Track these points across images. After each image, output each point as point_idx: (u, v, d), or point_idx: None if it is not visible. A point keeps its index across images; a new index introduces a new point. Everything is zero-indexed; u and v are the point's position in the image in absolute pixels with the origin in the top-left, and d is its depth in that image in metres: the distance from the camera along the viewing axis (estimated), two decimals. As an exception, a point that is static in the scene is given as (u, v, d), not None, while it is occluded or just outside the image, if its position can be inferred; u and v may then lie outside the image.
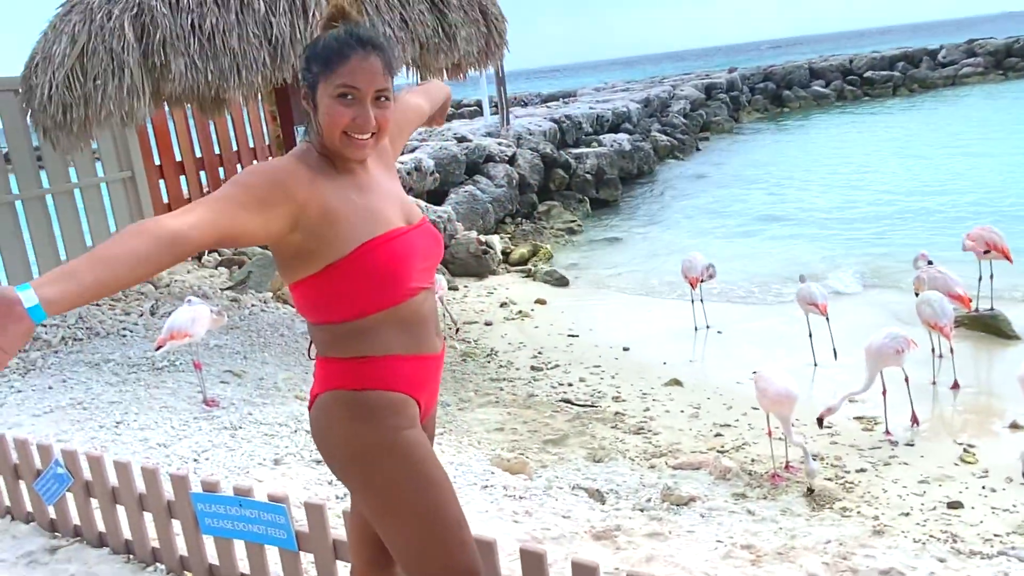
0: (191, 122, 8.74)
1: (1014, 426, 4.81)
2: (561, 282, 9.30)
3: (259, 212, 1.58)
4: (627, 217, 12.97)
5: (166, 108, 7.82)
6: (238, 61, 5.05)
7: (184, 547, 2.80)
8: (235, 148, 9.34)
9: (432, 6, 5.77)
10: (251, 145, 9.57)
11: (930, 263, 6.19)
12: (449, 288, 8.93)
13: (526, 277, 9.54)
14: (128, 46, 4.96)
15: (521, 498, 3.72)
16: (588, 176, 13.98)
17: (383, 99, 1.73)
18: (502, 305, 8.17)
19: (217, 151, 9.11)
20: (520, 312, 7.92)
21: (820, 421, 4.75)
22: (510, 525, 3.42)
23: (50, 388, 4.93)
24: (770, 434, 4.42)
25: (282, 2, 5.08)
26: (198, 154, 8.85)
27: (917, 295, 5.80)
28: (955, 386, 5.46)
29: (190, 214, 1.50)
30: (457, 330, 7.29)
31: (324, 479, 3.75)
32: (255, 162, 9.50)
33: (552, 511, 3.64)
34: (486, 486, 3.80)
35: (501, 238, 10.97)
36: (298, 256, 1.66)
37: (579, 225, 12.23)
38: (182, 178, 8.64)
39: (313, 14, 5.09)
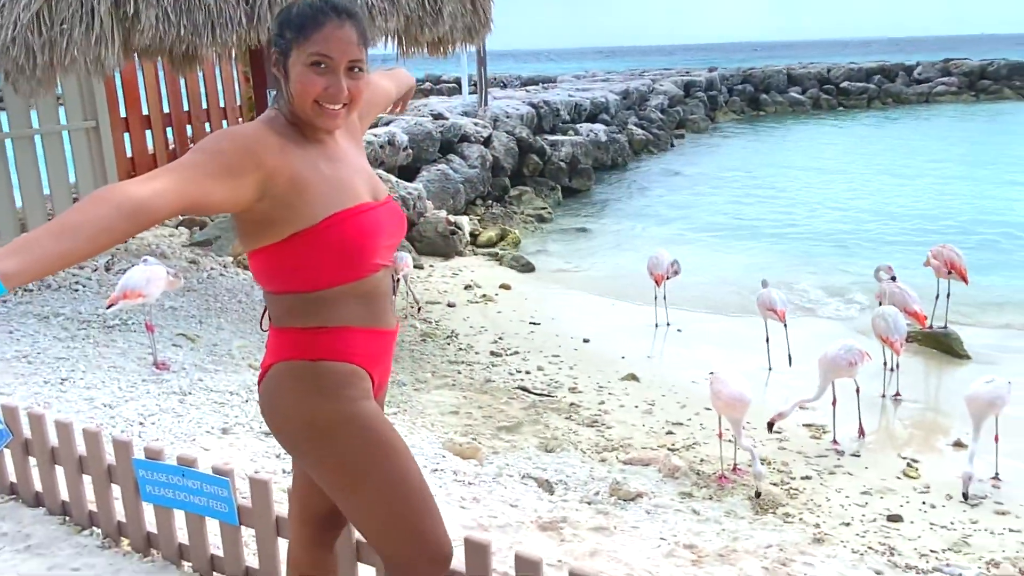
0: (161, 76, 8.54)
1: (957, 444, 4.91)
2: (527, 268, 9.29)
3: (227, 180, 1.54)
4: (598, 208, 12.98)
5: (136, 60, 7.62)
6: (213, 18, 4.93)
7: (123, 513, 2.74)
8: (205, 106, 9.15)
9: (418, -21, 5.68)
10: (221, 104, 9.38)
11: (893, 278, 6.28)
12: (415, 267, 8.87)
13: (492, 260, 9.50)
14: (99, -8, 4.80)
15: (470, 484, 3.71)
16: (562, 164, 13.95)
17: (356, 70, 1.69)
18: (466, 287, 8.13)
19: (186, 108, 8.91)
20: (484, 296, 7.89)
21: (770, 425, 4.81)
22: (457, 511, 3.41)
23: (-5, 339, 4.79)
24: (720, 436, 4.46)
25: (263, -39, 4.95)
26: (166, 109, 8.65)
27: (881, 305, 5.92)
28: (896, 396, 5.58)
29: (155, 181, 1.46)
30: (419, 309, 7.25)
31: (272, 452, 3.70)
32: (224, 123, 9.31)
33: (500, 499, 3.64)
34: (436, 469, 3.79)
35: (471, 220, 10.91)
36: (262, 224, 1.62)
37: (549, 212, 12.21)
38: (148, 133, 8.44)
39: (295, -23, 4.96)
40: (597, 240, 10.75)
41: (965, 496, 4.19)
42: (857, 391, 4.88)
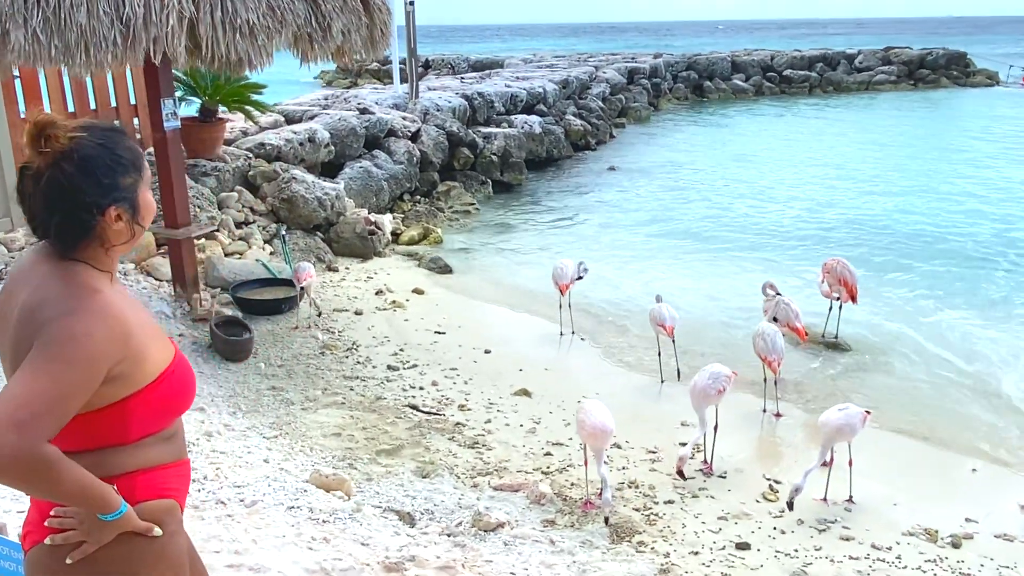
0: (65, 73, 8.31)
1: (825, 464, 5.09)
2: (445, 270, 9.31)
3: (92, 389, 1.56)
4: (527, 204, 13.02)
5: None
6: (86, 38, 4.83)
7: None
8: (114, 104, 8.96)
9: (305, -5, 5.62)
10: (132, 102, 9.18)
11: (778, 294, 6.46)
12: (329, 269, 8.85)
13: (411, 261, 9.52)
14: (-35, 11, 4.67)
15: (324, 522, 3.77)
16: (494, 157, 13.95)
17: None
18: (377, 293, 8.14)
19: (93, 106, 8.71)
20: (394, 302, 7.91)
21: (680, 473, 4.77)
22: (304, 552, 3.46)
23: None
24: (586, 463, 4.57)
25: (137, -20, 4.86)
26: (71, 108, 8.44)
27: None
28: (777, 415, 5.77)
29: (54, 424, 1.48)
30: (320, 313, 7.23)
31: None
32: (136, 120, 9.13)
33: (352, 537, 3.70)
34: (292, 507, 3.83)
35: (393, 218, 10.89)
36: (97, 394, 1.59)
37: (476, 208, 12.22)
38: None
39: (170, -4, 4.89)
40: (519, 239, 10.80)
41: (789, 505, 4.38)
42: (715, 428, 5.01)
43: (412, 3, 13.64)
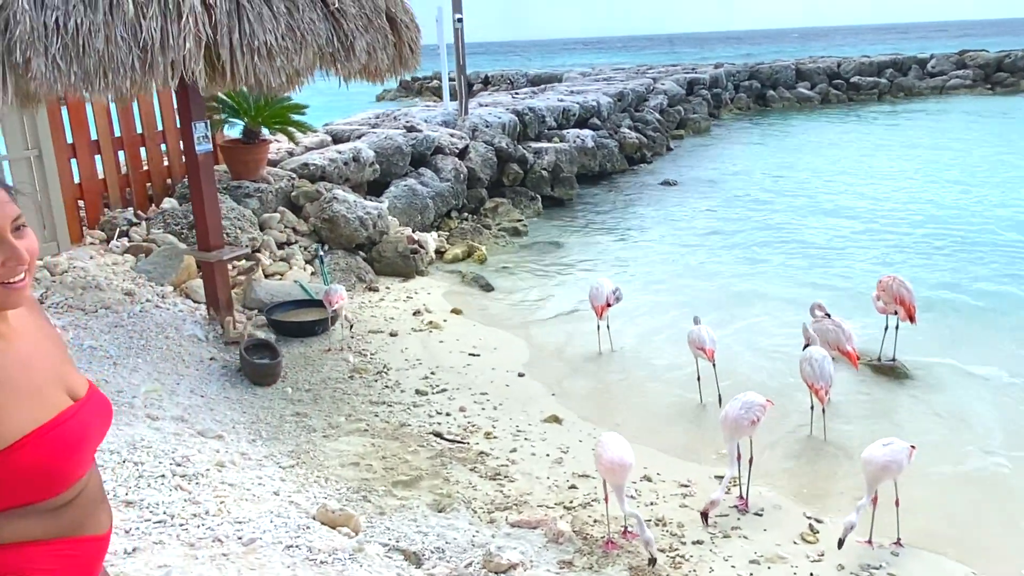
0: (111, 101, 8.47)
1: (875, 500, 4.71)
2: (486, 288, 9.15)
3: None
4: (577, 220, 12.77)
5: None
6: (104, 64, 4.83)
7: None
8: (160, 128, 9.10)
9: (327, 14, 5.54)
10: (179, 125, 9.29)
11: (827, 315, 6.07)
12: (369, 289, 8.77)
13: (453, 279, 9.38)
14: (-13, 41, 4.72)
15: (322, 563, 3.60)
16: (544, 173, 13.76)
17: (21, 227, 1.52)
18: (415, 313, 8.01)
19: (140, 130, 8.86)
20: (431, 323, 7.76)
21: (704, 516, 4.45)
22: (296, 596, 3.30)
23: None
24: (606, 499, 4.30)
25: (154, 5, 4.84)
26: (117, 133, 8.59)
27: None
28: (823, 445, 5.40)
29: None
30: (352, 326, 7.14)
31: (121, 527, 3.60)
32: (181, 144, 9.24)
33: (350, 579, 3.52)
34: (291, 545, 3.68)
35: (438, 236, 10.79)
36: None
37: (524, 225, 12.02)
38: (97, 157, 8.39)
39: (186, 20, 4.86)
40: (566, 257, 10.55)
41: (839, 543, 4.03)
42: (751, 461, 4.67)
43: (461, 19, 13.59)
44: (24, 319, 1.57)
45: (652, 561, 4.02)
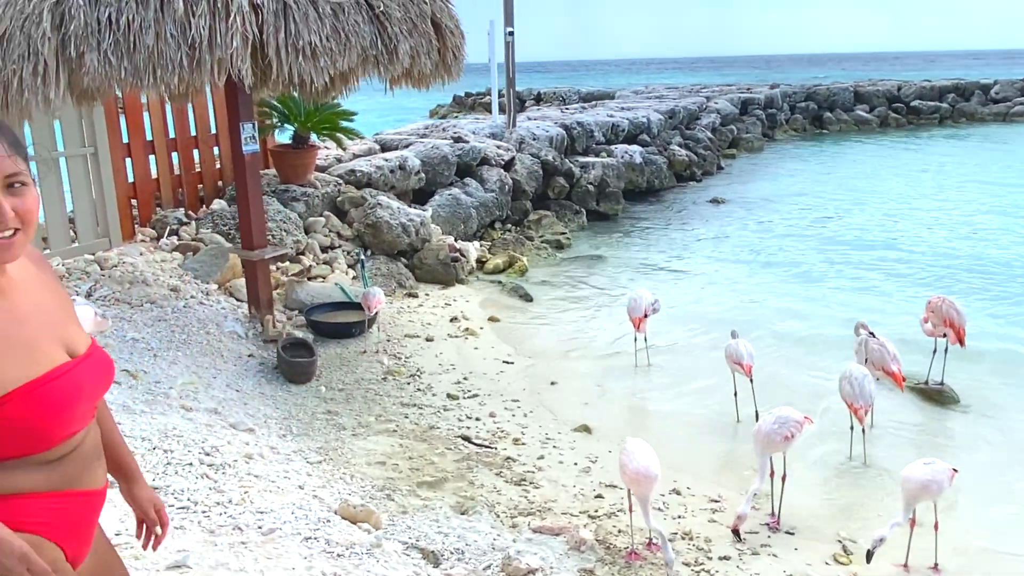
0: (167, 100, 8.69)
1: (912, 521, 4.53)
2: (525, 299, 9.12)
3: None
4: (621, 235, 12.68)
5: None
6: (154, 60, 4.95)
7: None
8: (214, 131, 9.29)
9: (372, 17, 5.61)
10: (230, 129, 9.50)
11: (872, 334, 5.88)
12: (409, 295, 8.81)
13: (493, 288, 9.37)
14: (44, 35, 4.88)
15: (339, 556, 3.58)
16: (590, 187, 13.70)
17: (16, 185, 1.52)
18: (452, 320, 8.01)
19: (193, 132, 9.06)
20: (467, 330, 7.75)
21: (736, 532, 4.35)
22: (310, 587, 3.28)
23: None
24: (630, 509, 4.21)
25: (203, 3, 4.96)
26: (172, 134, 8.80)
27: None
28: (863, 466, 5.22)
29: None
30: (387, 336, 7.17)
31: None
32: (233, 147, 9.42)
33: (366, 574, 3.49)
34: (309, 537, 3.67)
35: (480, 245, 10.80)
36: None
37: (567, 238, 11.97)
38: (151, 158, 8.60)
39: (234, 19, 4.96)
40: (607, 271, 10.47)
41: (868, 557, 3.88)
42: (783, 478, 4.53)
43: (512, 33, 13.67)
44: (28, 274, 1.59)
45: None
